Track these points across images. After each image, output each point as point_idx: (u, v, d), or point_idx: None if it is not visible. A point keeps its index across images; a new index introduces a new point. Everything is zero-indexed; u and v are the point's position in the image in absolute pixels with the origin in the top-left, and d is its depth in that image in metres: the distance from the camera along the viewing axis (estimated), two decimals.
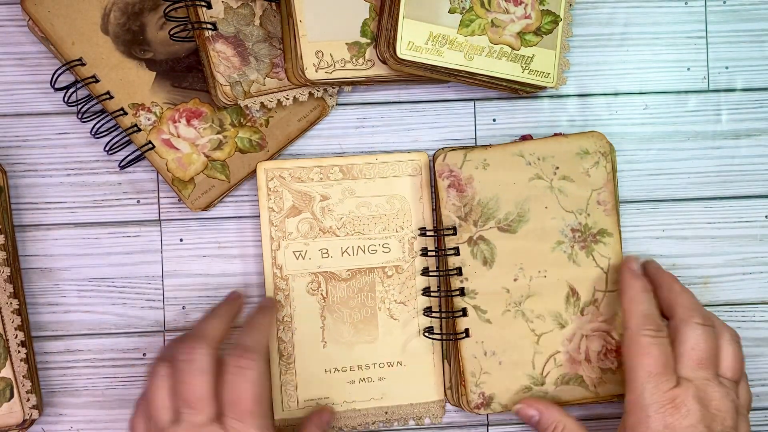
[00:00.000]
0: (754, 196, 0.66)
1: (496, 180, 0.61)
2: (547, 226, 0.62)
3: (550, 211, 0.62)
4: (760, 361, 0.66)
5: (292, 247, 0.62)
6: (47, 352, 0.63)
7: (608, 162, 0.62)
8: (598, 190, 0.62)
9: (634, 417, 0.55)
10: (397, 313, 0.63)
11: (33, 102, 0.63)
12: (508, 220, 0.61)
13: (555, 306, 0.62)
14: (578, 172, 0.62)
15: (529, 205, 0.61)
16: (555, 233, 0.62)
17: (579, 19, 0.66)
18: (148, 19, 0.61)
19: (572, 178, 0.62)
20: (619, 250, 0.62)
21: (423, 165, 0.63)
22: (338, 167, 0.63)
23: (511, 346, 0.61)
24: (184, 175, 0.62)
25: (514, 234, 0.61)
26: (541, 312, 0.61)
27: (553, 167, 0.62)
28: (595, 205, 0.62)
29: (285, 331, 0.62)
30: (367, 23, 0.60)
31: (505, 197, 0.61)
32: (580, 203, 0.62)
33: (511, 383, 0.61)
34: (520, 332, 0.61)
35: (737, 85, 0.66)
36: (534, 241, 0.61)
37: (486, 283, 0.61)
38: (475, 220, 0.61)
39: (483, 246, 0.61)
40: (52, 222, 0.63)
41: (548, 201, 0.62)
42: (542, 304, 0.61)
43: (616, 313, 0.62)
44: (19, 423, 0.59)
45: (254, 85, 0.60)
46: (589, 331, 0.62)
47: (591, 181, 0.62)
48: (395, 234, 0.63)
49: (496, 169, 0.61)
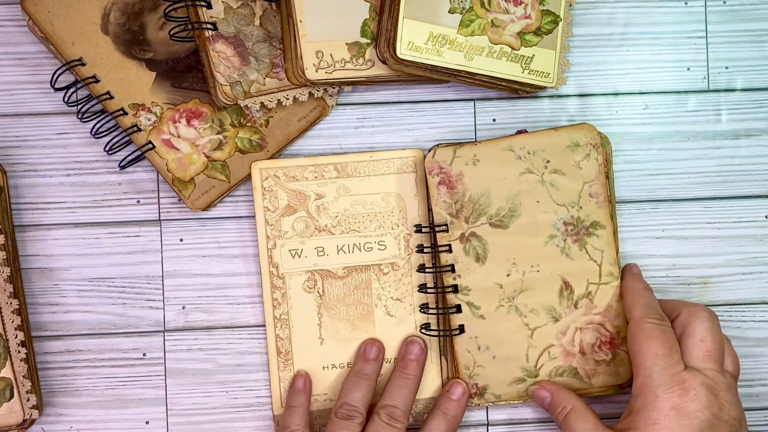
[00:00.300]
0: (754, 196, 0.66)
1: (486, 175, 0.61)
2: (539, 220, 0.61)
3: (541, 205, 0.61)
4: (760, 361, 0.66)
5: (288, 246, 0.63)
6: (47, 352, 0.63)
7: (599, 154, 0.61)
8: (589, 183, 0.61)
9: (641, 399, 0.56)
10: (393, 310, 0.63)
11: (33, 102, 0.63)
12: (500, 215, 0.61)
13: (548, 300, 0.62)
14: (569, 165, 0.61)
15: (521, 200, 0.61)
16: (547, 227, 0.61)
17: (579, 19, 0.66)
18: (148, 19, 0.61)
19: (563, 171, 0.61)
20: (612, 242, 0.62)
21: (418, 162, 0.63)
22: (332, 165, 0.63)
23: (505, 340, 0.61)
24: (184, 176, 0.62)
25: (506, 229, 0.61)
26: (534, 306, 0.61)
27: (543, 161, 0.61)
28: (587, 197, 0.61)
29: (282, 328, 0.63)
30: (367, 23, 0.60)
31: (496, 193, 0.61)
32: (572, 196, 0.61)
33: (504, 376, 0.62)
34: (514, 327, 0.61)
35: (737, 85, 0.66)
36: (526, 236, 0.61)
37: (479, 280, 0.61)
38: (467, 217, 0.61)
39: (475, 242, 0.61)
40: (52, 222, 0.63)
41: (540, 195, 0.61)
42: (536, 298, 0.61)
43: (611, 305, 0.62)
44: (19, 423, 0.59)
45: (254, 85, 0.60)
46: (582, 323, 0.62)
47: (582, 174, 0.61)
48: (391, 231, 0.63)
49: (487, 165, 0.61)
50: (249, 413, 0.64)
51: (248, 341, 0.64)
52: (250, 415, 0.64)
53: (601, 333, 0.62)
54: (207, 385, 0.64)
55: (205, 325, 0.64)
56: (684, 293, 0.66)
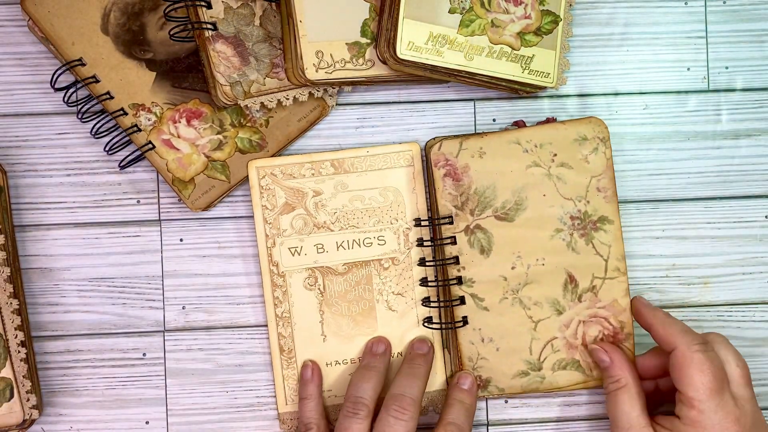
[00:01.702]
0: (754, 196, 0.66)
1: (493, 168, 0.61)
2: (546, 214, 0.61)
3: (548, 199, 0.61)
4: (760, 361, 0.66)
5: (287, 244, 0.63)
6: (47, 352, 0.63)
7: (607, 148, 0.61)
8: (597, 177, 0.61)
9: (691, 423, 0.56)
10: (395, 305, 0.63)
11: (33, 102, 0.63)
12: (506, 208, 0.61)
13: (552, 293, 0.62)
14: (577, 158, 0.61)
15: (527, 193, 0.61)
16: (554, 221, 0.61)
17: (579, 19, 0.66)
18: (148, 19, 0.61)
19: (571, 164, 0.61)
20: (620, 237, 0.62)
21: (415, 155, 0.63)
22: (329, 162, 0.63)
23: (509, 333, 0.62)
24: (184, 176, 0.62)
25: (512, 222, 0.61)
26: (538, 299, 0.62)
27: (550, 154, 0.61)
28: (594, 191, 0.61)
29: (284, 326, 0.63)
30: (367, 23, 0.60)
31: (502, 185, 0.61)
32: (580, 190, 0.61)
33: (507, 368, 0.62)
34: (518, 319, 0.62)
35: (737, 85, 0.66)
36: (532, 229, 0.61)
37: (483, 272, 0.61)
38: (472, 209, 0.61)
39: (480, 235, 0.61)
40: (52, 222, 0.63)
41: (546, 189, 0.61)
42: (540, 291, 0.61)
43: (616, 300, 0.62)
44: (19, 423, 0.59)
45: (254, 85, 0.60)
46: (586, 316, 0.62)
47: (590, 168, 0.61)
48: (390, 226, 0.63)
49: (493, 158, 0.61)
50: (249, 413, 0.64)
51: (248, 341, 0.64)
52: (251, 415, 0.64)
53: (604, 326, 0.62)
54: (207, 385, 0.64)
55: (205, 325, 0.64)
56: (684, 293, 0.66)
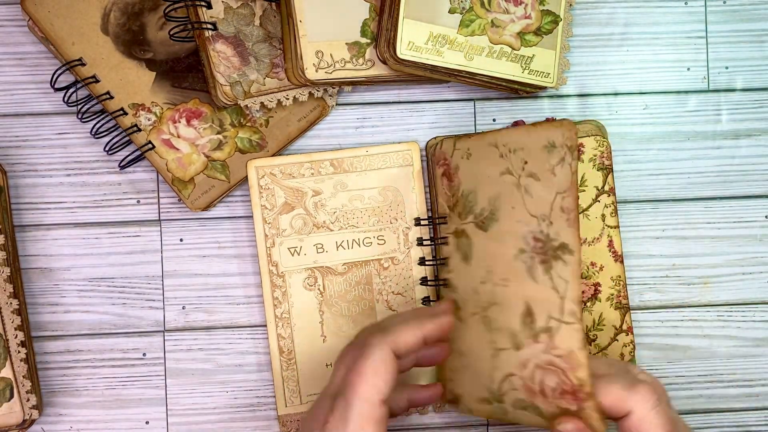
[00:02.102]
0: (754, 196, 0.66)
1: (476, 171, 0.58)
2: (513, 229, 0.55)
3: (516, 213, 0.55)
4: (760, 361, 0.66)
5: (286, 244, 0.63)
6: (47, 352, 0.63)
7: (573, 159, 0.52)
8: (562, 194, 0.53)
9: None
10: (395, 305, 0.63)
11: (33, 102, 0.63)
12: (483, 216, 0.57)
13: (511, 323, 0.55)
14: (544, 168, 0.54)
15: (500, 203, 0.56)
16: (519, 239, 0.55)
17: (579, 19, 0.66)
18: (148, 19, 0.61)
19: (538, 175, 0.54)
20: (578, 274, 0.52)
21: (414, 155, 0.63)
22: (329, 161, 0.63)
23: (474, 352, 0.57)
24: (184, 175, 0.62)
25: (486, 233, 0.57)
26: (500, 325, 0.56)
27: (522, 161, 0.55)
28: (558, 212, 0.53)
29: (284, 327, 0.63)
30: (367, 23, 0.60)
31: (482, 191, 0.58)
32: (544, 208, 0.54)
33: (473, 389, 0.58)
34: (483, 342, 0.57)
35: (737, 85, 0.66)
36: (500, 244, 0.56)
37: (464, 280, 0.59)
38: (460, 212, 0.60)
39: (464, 240, 0.59)
40: (52, 222, 0.63)
41: (515, 201, 0.55)
42: (502, 316, 0.56)
43: (572, 353, 0.52)
44: (19, 423, 0.59)
45: (254, 85, 0.60)
46: (543, 362, 0.54)
47: (556, 181, 0.53)
48: (389, 225, 0.63)
49: (477, 160, 0.58)
50: (249, 413, 0.64)
51: (248, 341, 0.64)
52: (250, 415, 0.64)
53: (562, 380, 0.53)
54: (207, 385, 0.64)
55: (205, 325, 0.64)
56: (684, 293, 0.66)
